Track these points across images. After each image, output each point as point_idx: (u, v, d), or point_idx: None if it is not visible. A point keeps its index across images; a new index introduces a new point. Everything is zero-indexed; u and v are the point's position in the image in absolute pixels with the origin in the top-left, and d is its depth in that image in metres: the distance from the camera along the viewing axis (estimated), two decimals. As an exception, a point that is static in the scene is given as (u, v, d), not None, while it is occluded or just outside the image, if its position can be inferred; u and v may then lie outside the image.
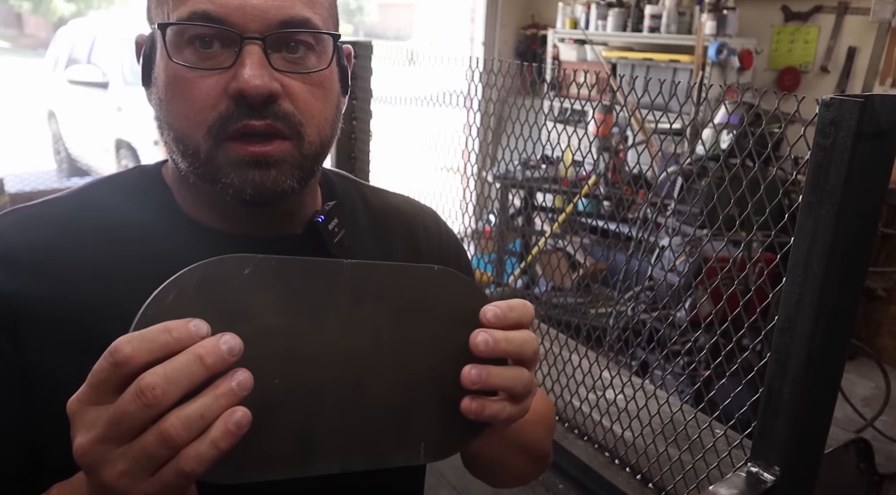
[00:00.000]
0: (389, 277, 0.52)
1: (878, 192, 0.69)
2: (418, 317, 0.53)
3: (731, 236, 1.36)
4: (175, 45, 0.58)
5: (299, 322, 0.48)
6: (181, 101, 0.59)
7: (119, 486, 0.42)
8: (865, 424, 2.32)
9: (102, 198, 0.67)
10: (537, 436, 0.75)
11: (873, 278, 3.27)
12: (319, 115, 0.62)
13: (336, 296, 0.50)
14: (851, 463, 1.47)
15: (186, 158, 0.60)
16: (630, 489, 1.42)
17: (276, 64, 0.58)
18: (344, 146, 2.00)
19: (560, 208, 3.36)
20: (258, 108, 0.57)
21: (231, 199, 0.60)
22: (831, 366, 0.75)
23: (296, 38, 0.59)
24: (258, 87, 0.56)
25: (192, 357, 0.42)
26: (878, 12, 3.60)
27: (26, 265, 0.60)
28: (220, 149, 0.58)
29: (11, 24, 21.12)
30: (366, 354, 0.51)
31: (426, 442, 0.53)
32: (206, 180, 0.60)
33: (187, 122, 0.59)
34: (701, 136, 2.86)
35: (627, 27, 4.44)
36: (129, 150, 5.25)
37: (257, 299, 0.47)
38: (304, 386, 0.48)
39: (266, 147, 0.58)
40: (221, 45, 0.58)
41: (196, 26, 0.57)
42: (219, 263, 0.46)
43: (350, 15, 23.70)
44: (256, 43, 0.57)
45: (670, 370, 1.99)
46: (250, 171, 0.58)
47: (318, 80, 0.61)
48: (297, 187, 0.61)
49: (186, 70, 0.58)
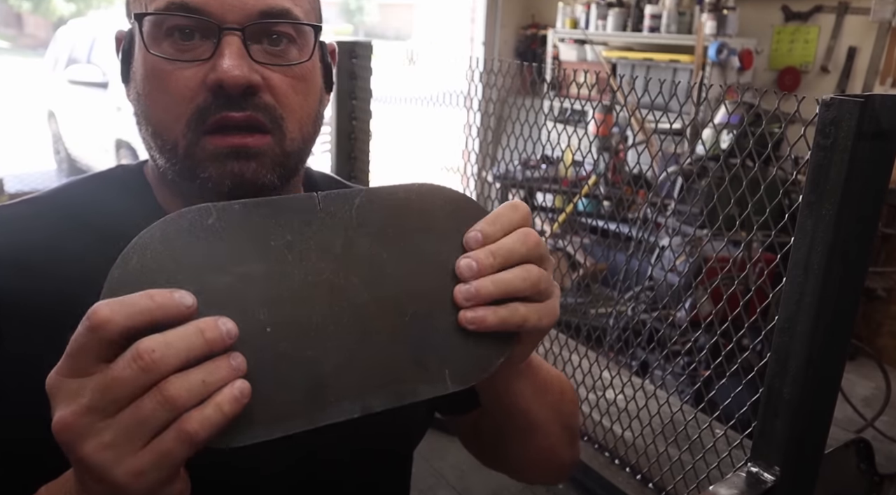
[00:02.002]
0: (369, 203, 0.48)
1: (878, 192, 0.69)
2: (411, 239, 0.49)
3: (731, 236, 1.36)
4: (153, 36, 0.57)
5: (279, 263, 0.45)
6: (159, 94, 0.58)
7: (102, 460, 0.39)
8: (865, 424, 2.32)
9: (82, 194, 0.66)
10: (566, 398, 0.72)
11: (873, 278, 3.27)
12: (300, 109, 0.61)
13: (314, 231, 0.46)
14: (852, 463, 1.47)
15: (164, 154, 0.59)
16: (630, 489, 1.42)
17: (256, 56, 0.57)
18: (344, 146, 2.00)
19: (560, 208, 3.36)
20: (237, 99, 0.56)
21: (210, 194, 0.58)
22: (831, 366, 0.75)
23: (276, 30, 0.58)
24: (237, 78, 0.55)
25: (192, 328, 0.40)
26: (878, 12, 3.60)
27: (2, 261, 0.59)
28: (199, 144, 0.57)
29: (11, 24, 21.12)
30: (362, 287, 0.47)
31: (450, 369, 0.49)
32: (184, 177, 0.59)
33: (165, 116, 0.58)
34: (701, 136, 2.86)
35: (627, 27, 4.44)
36: (129, 150, 5.25)
37: (229, 248, 0.44)
38: (300, 330, 0.45)
39: (246, 139, 0.57)
40: (200, 36, 0.57)
41: (174, 16, 0.56)
42: (178, 217, 0.43)
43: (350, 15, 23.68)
44: (236, 34, 0.56)
45: (670, 370, 1.99)
46: (229, 163, 0.57)
47: (300, 74, 0.60)
48: (277, 183, 0.60)
49: (164, 62, 0.57)
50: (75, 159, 6.36)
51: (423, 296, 0.49)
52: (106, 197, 0.66)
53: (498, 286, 0.49)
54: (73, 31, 6.31)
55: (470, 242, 0.50)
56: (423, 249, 0.49)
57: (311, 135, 0.63)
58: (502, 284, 0.49)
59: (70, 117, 6.21)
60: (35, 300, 0.58)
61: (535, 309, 0.50)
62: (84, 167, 6.17)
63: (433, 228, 0.50)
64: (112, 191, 0.67)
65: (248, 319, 0.43)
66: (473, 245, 0.50)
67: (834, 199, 0.67)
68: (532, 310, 0.50)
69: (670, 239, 2.19)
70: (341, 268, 0.47)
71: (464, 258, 0.49)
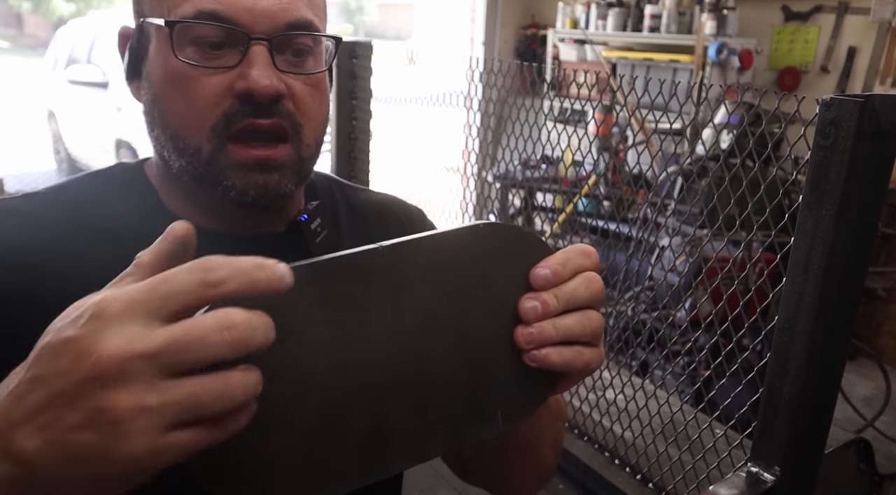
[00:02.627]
0: (432, 251, 0.47)
1: (878, 192, 0.69)
2: (472, 282, 0.48)
3: (731, 236, 1.36)
4: (177, 42, 0.58)
5: (346, 326, 0.44)
6: (183, 99, 0.59)
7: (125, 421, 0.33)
8: (865, 424, 2.32)
9: (82, 192, 0.67)
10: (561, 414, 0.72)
11: (873, 278, 3.27)
12: (316, 116, 0.63)
13: (379, 287, 0.45)
14: (852, 463, 1.47)
15: (184, 157, 0.60)
16: (630, 489, 1.42)
17: (279, 65, 0.59)
18: (344, 146, 2.00)
19: (560, 208, 3.36)
20: (264, 107, 0.58)
21: (231, 202, 0.60)
22: (831, 366, 0.75)
23: (299, 41, 0.60)
24: (267, 87, 0.57)
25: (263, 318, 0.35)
26: (878, 12, 3.60)
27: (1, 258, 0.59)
28: (223, 151, 0.59)
29: (11, 24, 21.13)
30: (422, 338, 0.46)
31: (502, 409, 0.49)
32: (205, 182, 0.60)
33: (188, 120, 0.59)
34: (701, 136, 2.86)
35: (627, 27, 4.44)
36: (129, 150, 5.25)
37: (297, 313, 0.41)
38: (365, 390, 0.44)
39: (270, 151, 0.59)
40: (228, 44, 0.58)
41: (204, 25, 0.57)
42: None
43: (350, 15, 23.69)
44: (263, 44, 0.58)
45: (670, 370, 1.99)
46: (253, 175, 0.59)
47: (316, 82, 0.62)
48: (294, 190, 0.62)
49: (190, 68, 0.58)
50: (75, 159, 6.37)
51: (482, 339, 0.48)
52: (106, 195, 0.66)
53: (559, 331, 0.49)
54: (73, 31, 6.31)
55: (538, 280, 0.49)
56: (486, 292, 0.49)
57: (321, 140, 0.65)
58: (563, 329, 0.49)
59: (70, 117, 6.21)
60: (32, 298, 0.57)
61: (594, 354, 0.51)
62: (84, 167, 6.17)
63: (496, 267, 0.49)
64: (112, 190, 0.67)
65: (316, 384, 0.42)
66: (541, 284, 0.49)
67: (834, 199, 0.67)
68: (592, 354, 0.50)
69: (670, 239, 2.18)
70: (406, 318, 0.46)
71: (529, 299, 0.48)
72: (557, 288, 0.49)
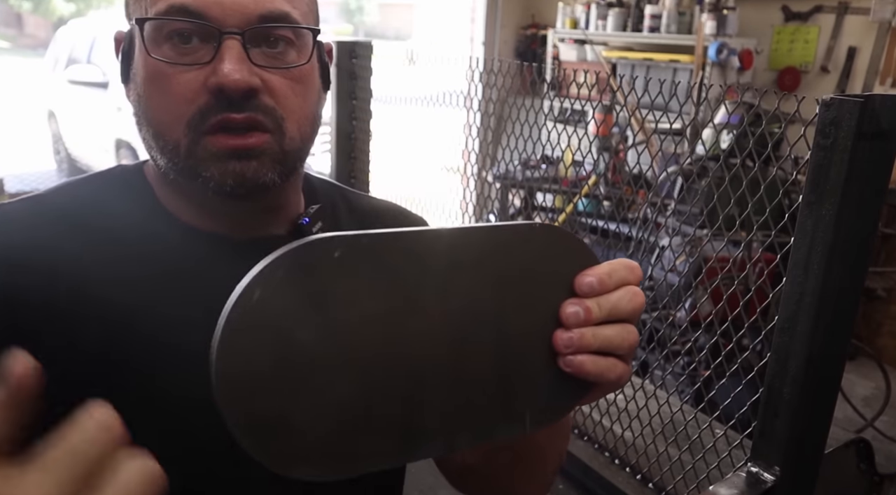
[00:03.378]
0: (487, 241, 0.48)
1: (878, 192, 0.69)
2: (518, 278, 0.48)
3: (731, 236, 1.36)
4: (153, 40, 0.58)
5: (398, 304, 0.44)
6: (160, 96, 0.59)
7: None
8: (865, 424, 2.32)
9: (82, 194, 0.67)
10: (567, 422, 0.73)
11: (873, 278, 3.27)
12: (300, 111, 0.62)
13: (434, 269, 0.45)
14: (851, 463, 1.47)
15: (166, 154, 0.60)
16: (630, 489, 1.42)
17: (255, 59, 0.58)
18: (344, 146, 2.00)
19: (560, 208, 3.36)
20: (237, 102, 0.57)
21: (212, 193, 0.59)
22: (831, 366, 0.75)
23: (275, 33, 0.59)
24: (238, 81, 0.56)
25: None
26: (878, 12, 3.60)
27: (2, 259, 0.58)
28: (200, 144, 0.58)
29: (11, 24, 21.13)
30: (465, 326, 0.47)
31: (531, 411, 0.49)
32: (186, 176, 0.60)
33: (166, 117, 0.59)
34: (701, 136, 2.86)
35: (627, 27, 4.44)
36: (129, 150, 5.25)
37: (352, 285, 0.42)
38: (404, 369, 0.44)
39: (246, 139, 0.58)
40: (200, 40, 0.58)
41: (174, 21, 0.57)
42: (306, 249, 0.41)
43: (350, 15, 23.69)
44: (235, 37, 0.57)
45: (670, 370, 1.99)
46: (230, 163, 0.58)
47: (299, 76, 0.61)
48: (277, 181, 0.61)
49: (165, 65, 0.58)
50: (75, 159, 6.37)
51: (520, 340, 0.49)
52: (106, 196, 0.66)
53: (598, 340, 0.49)
54: (73, 31, 6.31)
55: (583, 287, 0.49)
56: (530, 291, 0.49)
57: (309, 136, 0.64)
58: (602, 339, 0.49)
59: (70, 117, 6.21)
60: (32, 298, 0.57)
61: (626, 368, 0.51)
62: (84, 167, 6.17)
63: (544, 268, 0.50)
64: (113, 191, 0.67)
65: (360, 358, 0.43)
66: (586, 291, 0.49)
67: (834, 199, 0.67)
68: (624, 368, 0.50)
69: (670, 239, 2.18)
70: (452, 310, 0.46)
71: (572, 305, 0.49)
72: (601, 297, 0.49)
